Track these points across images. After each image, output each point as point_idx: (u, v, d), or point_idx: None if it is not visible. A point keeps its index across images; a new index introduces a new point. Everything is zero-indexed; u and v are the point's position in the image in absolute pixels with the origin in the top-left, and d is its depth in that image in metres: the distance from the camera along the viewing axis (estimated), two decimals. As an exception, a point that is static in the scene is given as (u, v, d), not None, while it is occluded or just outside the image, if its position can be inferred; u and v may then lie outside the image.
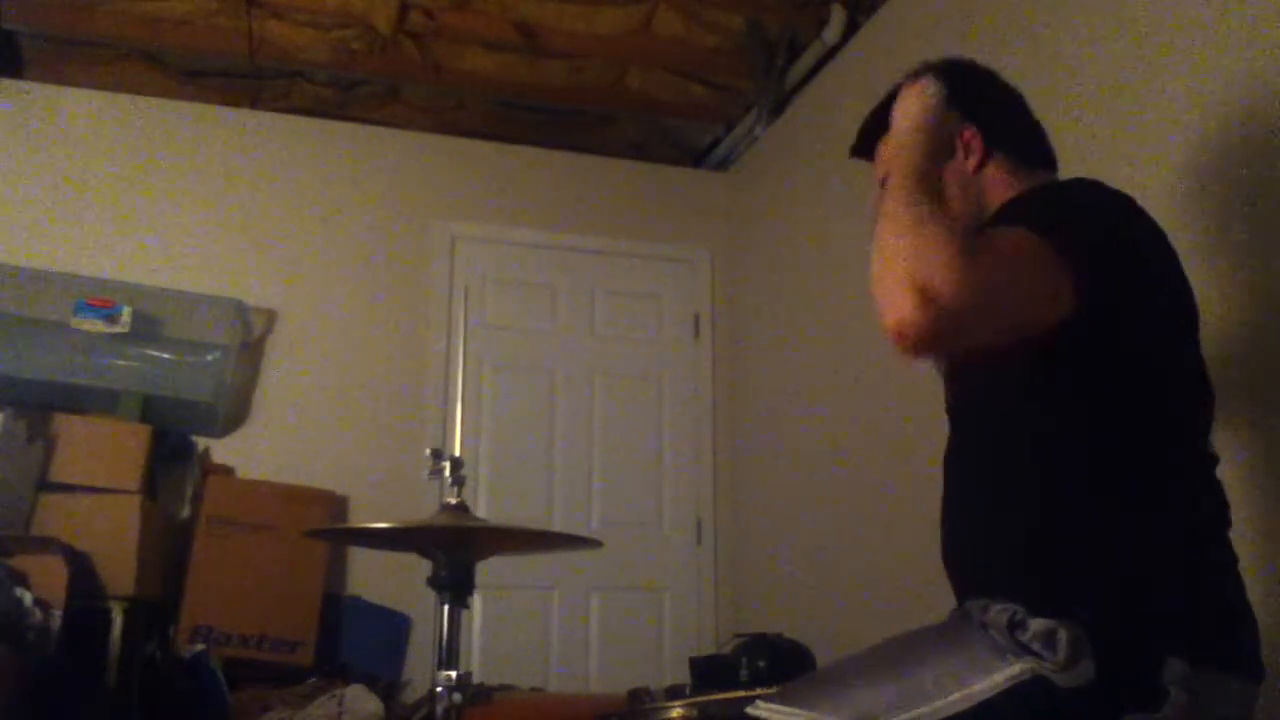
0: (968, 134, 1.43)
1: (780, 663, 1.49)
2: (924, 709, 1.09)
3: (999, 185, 1.41)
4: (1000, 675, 1.09)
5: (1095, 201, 1.28)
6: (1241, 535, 1.65)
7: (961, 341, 1.15)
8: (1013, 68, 2.55)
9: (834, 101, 3.46)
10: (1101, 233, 1.22)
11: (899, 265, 1.09)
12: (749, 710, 1.20)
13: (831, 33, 3.42)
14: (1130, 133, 2.16)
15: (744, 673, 1.45)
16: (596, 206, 4.26)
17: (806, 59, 3.58)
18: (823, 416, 3.42)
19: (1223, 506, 1.25)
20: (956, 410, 1.39)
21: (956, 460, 1.36)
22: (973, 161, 1.42)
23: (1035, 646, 1.08)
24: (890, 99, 1.49)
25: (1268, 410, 1.78)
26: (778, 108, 3.81)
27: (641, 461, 4.10)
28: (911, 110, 1.34)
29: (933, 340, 1.08)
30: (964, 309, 1.07)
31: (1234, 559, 1.23)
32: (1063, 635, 1.08)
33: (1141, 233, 1.28)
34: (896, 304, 1.07)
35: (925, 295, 1.05)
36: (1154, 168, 2.07)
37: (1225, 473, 1.28)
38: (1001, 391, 1.28)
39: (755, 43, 3.58)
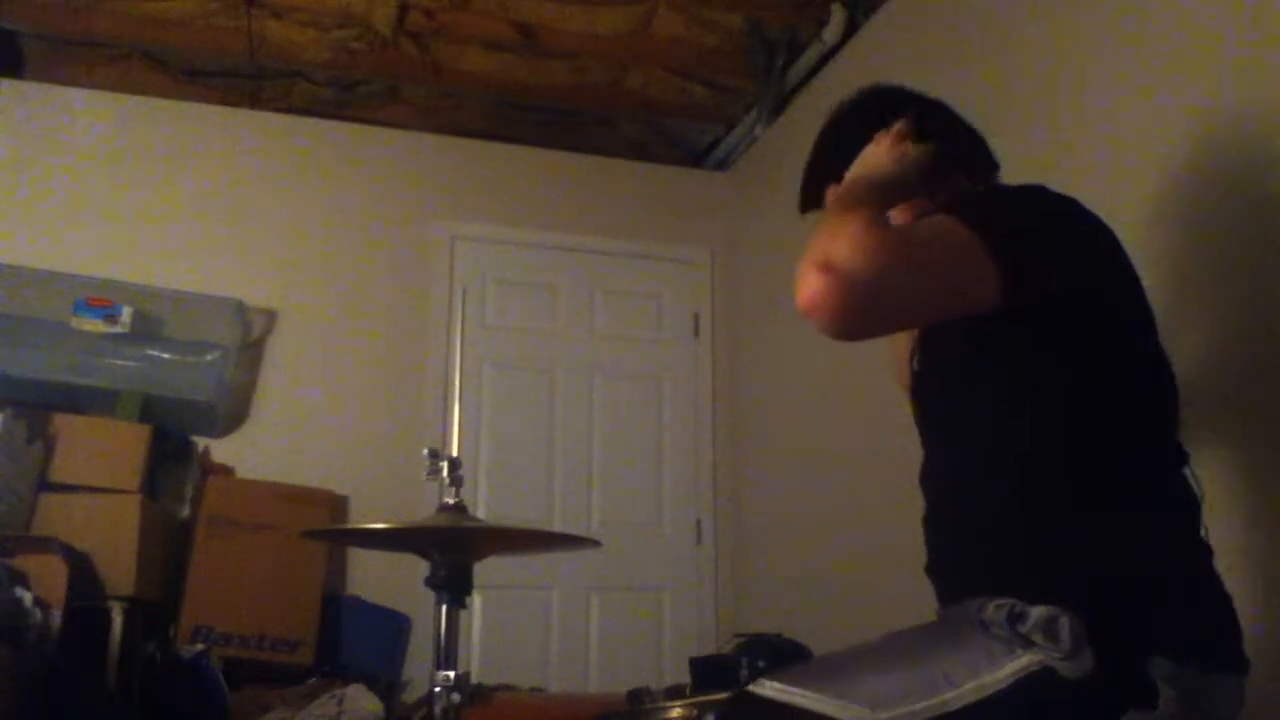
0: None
1: (780, 663, 1.49)
2: (934, 700, 1.09)
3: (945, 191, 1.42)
4: (1010, 667, 1.09)
5: (1038, 201, 1.29)
6: (1235, 535, 1.64)
7: (873, 316, 1.15)
8: (1011, 69, 2.56)
9: (834, 101, 3.46)
10: (1041, 229, 1.24)
11: (809, 250, 1.13)
12: (753, 688, 1.19)
13: (831, 33, 3.42)
14: (1125, 126, 2.16)
15: (744, 673, 1.45)
16: (596, 206, 4.26)
17: (806, 59, 3.58)
18: (822, 416, 3.42)
19: (1196, 502, 1.26)
20: (928, 427, 1.40)
21: (935, 475, 1.36)
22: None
23: (1037, 637, 1.09)
24: (821, 147, 1.50)
25: (1258, 410, 1.78)
26: (778, 108, 3.81)
27: (641, 461, 4.10)
28: (879, 162, 1.37)
29: (841, 312, 1.10)
30: (866, 280, 1.10)
31: (1210, 553, 1.24)
32: (1064, 621, 1.08)
33: (1089, 231, 1.28)
34: (803, 281, 1.11)
35: (827, 267, 1.09)
36: (1145, 165, 2.07)
37: (1223, 475, 1.28)
38: (975, 400, 1.29)
39: (755, 43, 3.58)
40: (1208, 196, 1.95)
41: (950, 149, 1.45)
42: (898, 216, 1.42)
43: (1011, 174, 2.51)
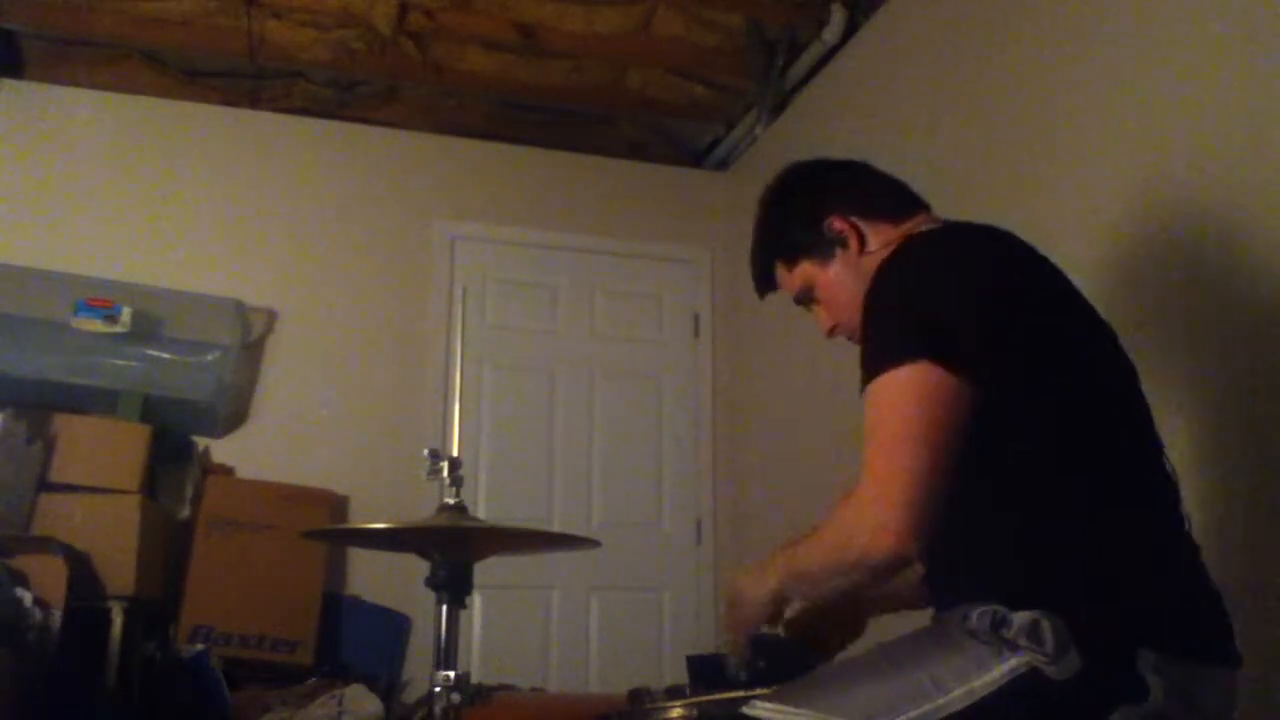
0: (837, 223, 1.46)
1: (780, 663, 1.49)
2: (926, 707, 1.10)
3: (882, 244, 1.44)
4: (998, 670, 1.10)
5: (962, 261, 1.31)
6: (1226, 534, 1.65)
7: (927, 513, 1.18)
8: (1010, 68, 2.56)
9: (834, 101, 3.46)
10: (960, 297, 1.25)
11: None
12: (745, 710, 1.20)
13: (831, 33, 3.41)
14: (1122, 123, 2.17)
15: (743, 673, 1.45)
16: (596, 206, 4.26)
17: (806, 59, 3.58)
18: (823, 416, 3.42)
19: (1176, 496, 1.28)
20: None
21: None
22: (855, 243, 1.46)
23: (1022, 641, 1.10)
24: (761, 231, 1.55)
25: (1255, 409, 1.78)
26: (778, 108, 3.81)
27: (641, 461, 4.10)
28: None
29: (908, 541, 1.17)
30: (912, 504, 1.17)
31: (1195, 549, 1.25)
32: (1046, 625, 1.09)
33: (1002, 262, 1.32)
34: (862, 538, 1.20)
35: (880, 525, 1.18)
36: (1142, 161, 2.07)
37: (1221, 472, 1.28)
38: None
39: (755, 43, 3.58)
40: (1194, 200, 1.96)
41: (862, 207, 1.48)
42: (824, 311, 1.51)
43: (1008, 172, 2.51)
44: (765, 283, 1.58)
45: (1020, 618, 1.11)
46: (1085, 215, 2.22)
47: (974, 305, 1.24)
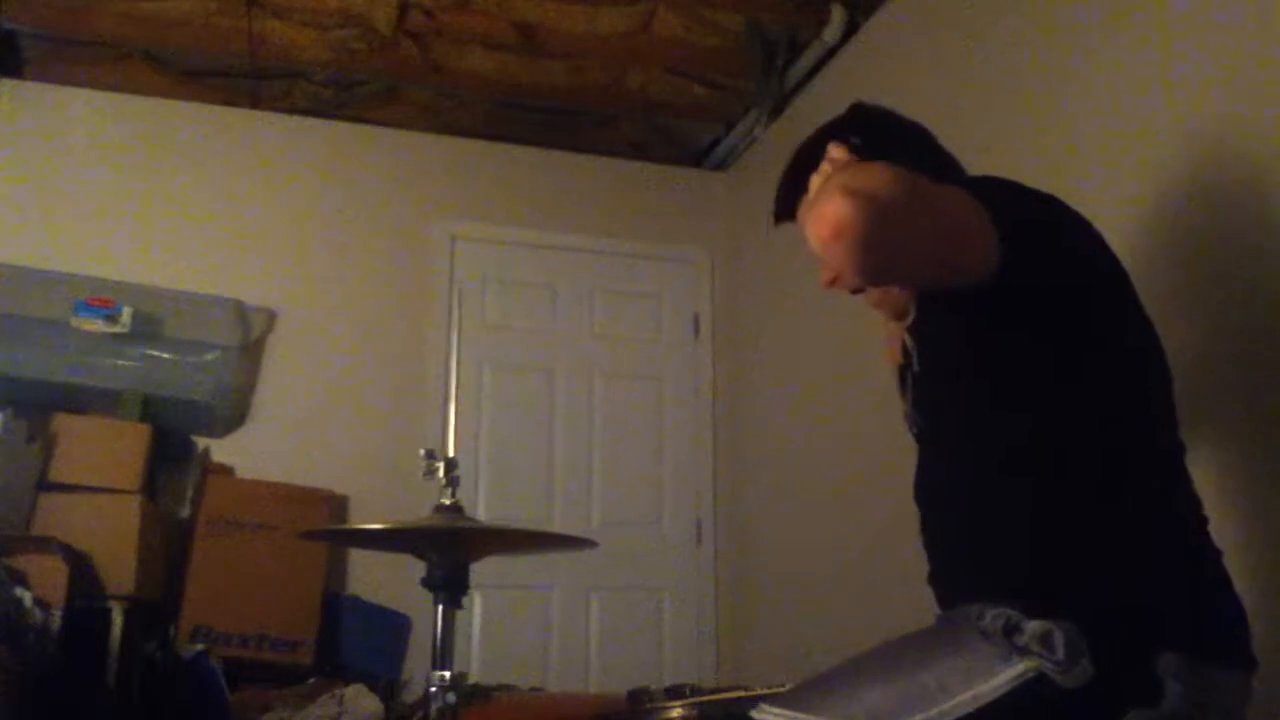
0: None
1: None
2: (931, 711, 1.10)
3: None
4: (1005, 675, 1.09)
5: (1030, 191, 1.31)
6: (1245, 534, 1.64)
7: (894, 245, 1.12)
8: (1011, 69, 2.56)
9: (834, 101, 3.43)
10: (1037, 212, 1.26)
11: (828, 186, 1.12)
12: (753, 714, 1.20)
13: (831, 33, 3.41)
14: (1123, 123, 2.16)
15: None
16: (596, 206, 4.26)
17: (806, 59, 3.58)
18: (823, 416, 3.42)
19: (1198, 498, 1.26)
20: (926, 434, 1.39)
21: (932, 483, 1.36)
22: None
23: (1034, 647, 1.09)
24: (800, 158, 1.49)
25: (1256, 407, 1.78)
26: (778, 108, 3.81)
27: (641, 461, 4.10)
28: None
29: (867, 237, 1.07)
30: (892, 204, 1.09)
31: (1217, 551, 1.24)
32: (1059, 636, 1.08)
33: (1079, 224, 1.31)
34: (827, 205, 1.08)
35: (852, 192, 1.07)
36: (1142, 161, 2.07)
37: (1222, 472, 1.28)
38: (971, 404, 1.29)
39: (755, 43, 3.57)
40: (1201, 195, 1.95)
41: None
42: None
43: (1008, 172, 2.50)
44: (786, 205, 1.51)
45: (1033, 626, 1.09)
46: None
47: (1046, 228, 1.23)
